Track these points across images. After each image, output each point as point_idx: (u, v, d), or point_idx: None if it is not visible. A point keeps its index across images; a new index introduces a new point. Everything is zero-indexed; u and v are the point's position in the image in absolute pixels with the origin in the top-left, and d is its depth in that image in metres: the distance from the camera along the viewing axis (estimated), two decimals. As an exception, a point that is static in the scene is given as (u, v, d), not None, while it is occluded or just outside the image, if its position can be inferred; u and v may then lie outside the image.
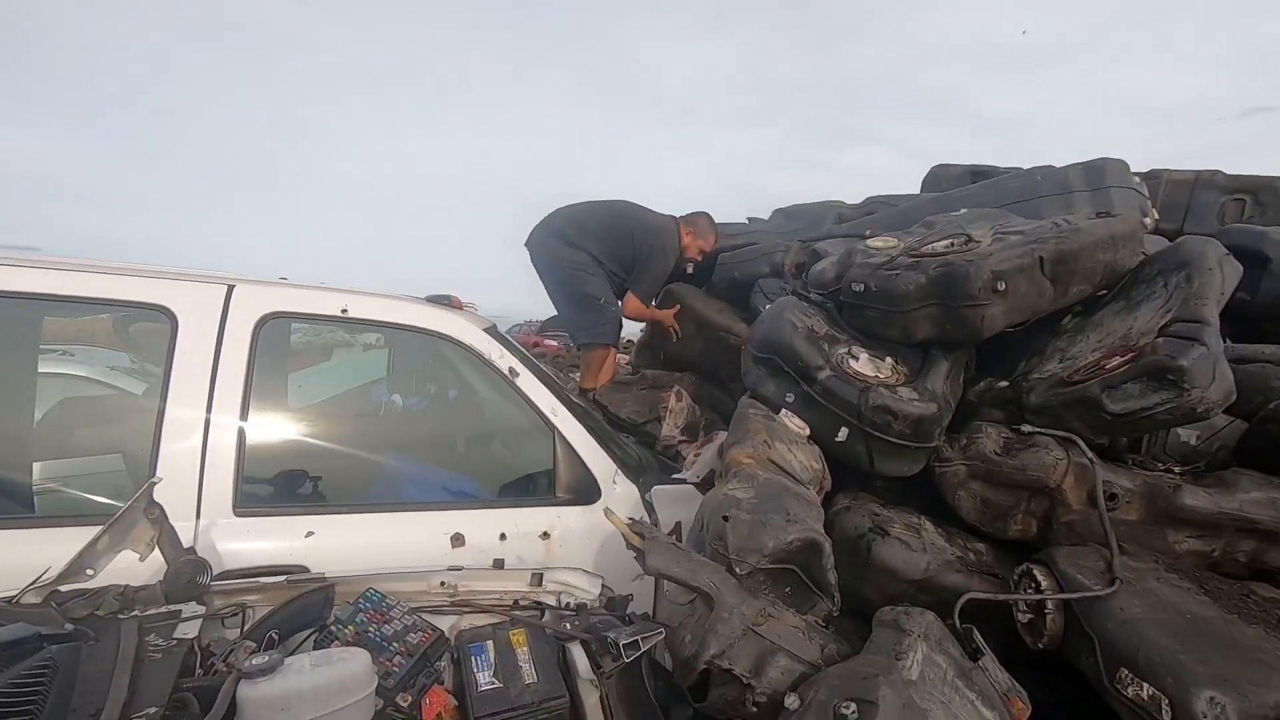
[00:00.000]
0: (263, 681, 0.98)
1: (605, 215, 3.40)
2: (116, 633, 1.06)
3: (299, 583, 1.36)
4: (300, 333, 3.37)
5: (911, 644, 1.19)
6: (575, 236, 3.31)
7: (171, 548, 1.26)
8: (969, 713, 1.15)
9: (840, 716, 1.04)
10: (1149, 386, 1.53)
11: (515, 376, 2.04)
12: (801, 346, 1.97)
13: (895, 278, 1.92)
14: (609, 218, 3.38)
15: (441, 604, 1.44)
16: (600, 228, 3.34)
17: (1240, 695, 1.15)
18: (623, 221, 3.35)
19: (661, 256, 3.32)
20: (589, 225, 3.34)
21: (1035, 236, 1.88)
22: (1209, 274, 1.67)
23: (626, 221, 3.35)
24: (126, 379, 3.00)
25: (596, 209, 3.45)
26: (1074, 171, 2.59)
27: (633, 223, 3.34)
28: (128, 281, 1.78)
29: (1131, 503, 1.63)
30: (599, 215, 3.40)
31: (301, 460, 1.98)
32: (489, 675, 1.26)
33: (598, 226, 3.34)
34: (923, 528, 1.81)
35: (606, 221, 3.36)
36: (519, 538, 1.91)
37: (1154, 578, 1.47)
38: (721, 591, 1.26)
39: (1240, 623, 1.35)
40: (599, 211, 3.43)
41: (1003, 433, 1.76)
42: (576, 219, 3.37)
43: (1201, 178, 2.82)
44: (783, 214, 3.80)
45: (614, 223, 3.36)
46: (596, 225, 3.34)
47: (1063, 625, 1.45)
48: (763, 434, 1.79)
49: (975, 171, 3.23)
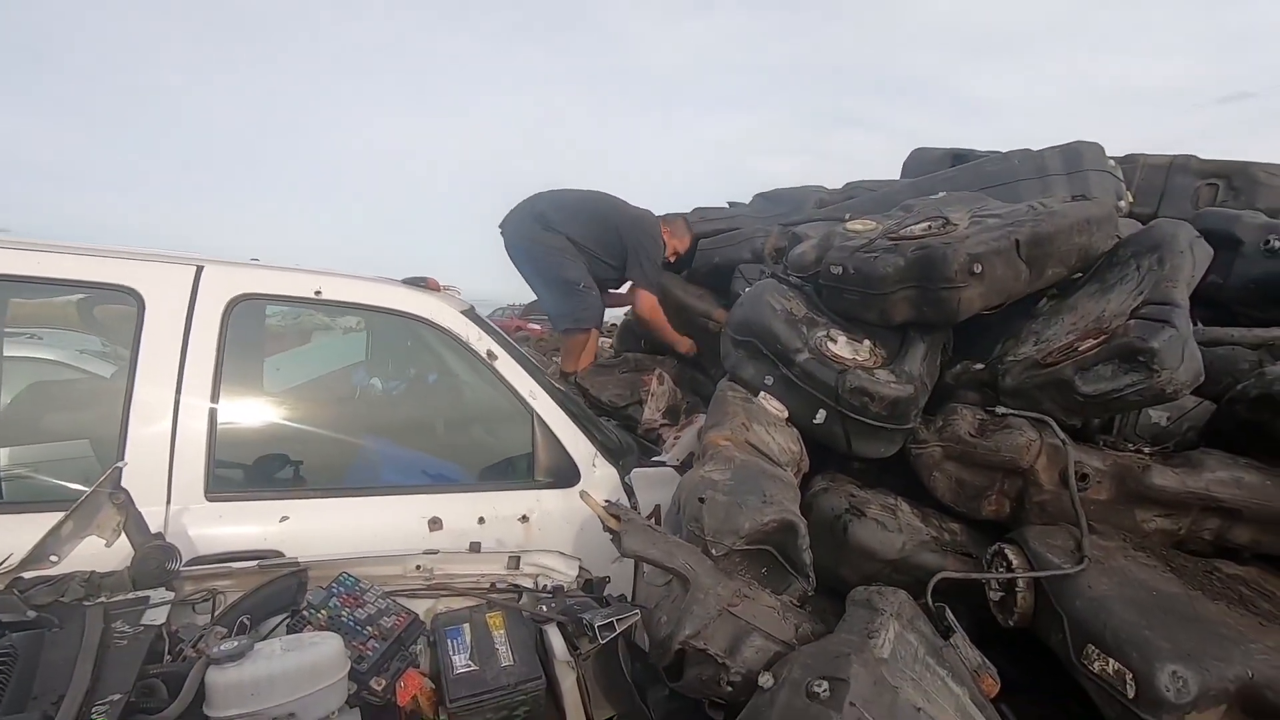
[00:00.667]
0: (231, 667, 0.97)
1: (588, 204, 3.37)
2: (81, 619, 1.04)
3: (271, 567, 1.34)
4: (278, 316, 3.32)
5: (884, 623, 1.21)
6: (553, 221, 3.27)
7: (138, 533, 1.24)
8: (939, 689, 1.16)
9: (813, 694, 1.04)
10: (1120, 368, 1.55)
11: (493, 359, 2.02)
12: (780, 329, 1.97)
13: (873, 260, 1.92)
14: (592, 207, 3.35)
15: (418, 588, 1.44)
16: (586, 216, 3.30)
17: (1201, 669, 1.17)
18: (608, 213, 3.33)
19: (654, 245, 3.30)
20: (569, 211, 3.30)
21: (1012, 220, 1.89)
22: (1180, 257, 1.69)
23: (612, 214, 3.33)
24: (96, 362, 2.94)
25: (578, 196, 3.42)
26: (1051, 155, 2.60)
27: (618, 216, 3.32)
28: (93, 262, 1.74)
29: (1102, 482, 1.65)
30: (581, 203, 3.37)
31: (276, 444, 1.95)
32: (465, 658, 1.26)
33: (581, 215, 3.30)
34: (899, 508, 1.82)
35: (590, 210, 3.33)
36: (498, 521, 1.90)
37: (1122, 556, 1.49)
38: (697, 573, 1.26)
39: (1204, 599, 1.38)
40: (580, 200, 3.40)
41: (977, 414, 1.78)
42: (556, 204, 3.33)
43: (1176, 162, 2.84)
44: (763, 198, 3.78)
45: (598, 212, 3.33)
46: (579, 213, 3.31)
47: (1033, 603, 1.48)
48: (740, 416, 1.79)
49: (955, 155, 3.23)
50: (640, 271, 3.25)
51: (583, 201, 3.38)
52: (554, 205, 3.32)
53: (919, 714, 1.06)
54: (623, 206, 3.41)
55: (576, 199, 3.40)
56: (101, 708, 0.85)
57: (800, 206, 3.45)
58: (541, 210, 3.30)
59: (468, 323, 2.04)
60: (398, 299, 2.02)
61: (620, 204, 3.43)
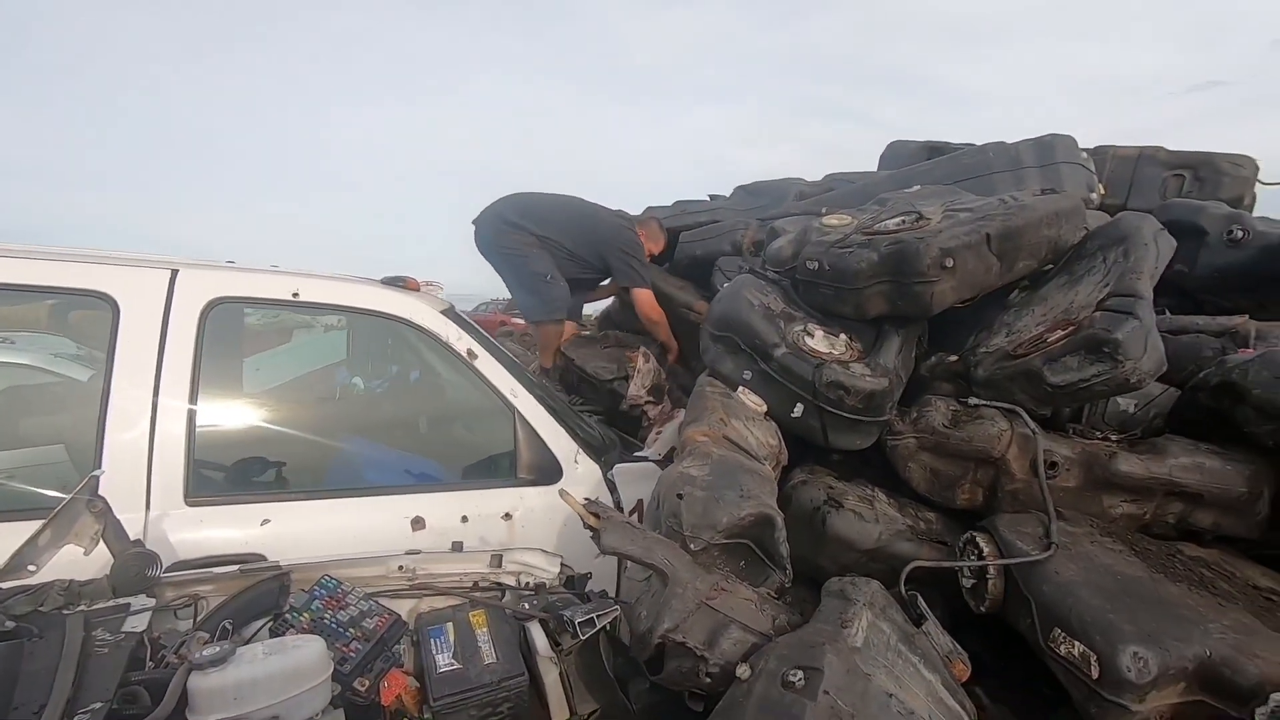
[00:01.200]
0: (214, 672, 0.98)
1: (562, 207, 3.41)
2: (61, 628, 1.04)
3: (252, 571, 1.35)
4: (258, 315, 3.30)
5: (857, 612, 1.24)
6: (522, 223, 3.31)
7: (117, 540, 1.24)
8: (911, 676, 1.20)
9: (788, 684, 1.07)
10: (1087, 359, 1.59)
11: (474, 358, 2.02)
12: (758, 324, 2.00)
13: (848, 255, 1.95)
14: (567, 210, 3.39)
15: (400, 588, 1.45)
16: (561, 218, 3.34)
17: (1161, 649, 1.22)
18: (583, 217, 3.37)
19: (636, 245, 3.33)
20: (541, 214, 3.34)
21: (983, 213, 1.93)
22: (1144, 249, 1.73)
23: (588, 218, 3.36)
24: (72, 366, 2.89)
25: (552, 200, 3.45)
26: (1025, 148, 2.64)
27: (595, 220, 3.36)
28: (66, 268, 1.72)
29: (1071, 470, 1.70)
30: (555, 207, 3.41)
31: (256, 446, 1.94)
32: (448, 657, 1.28)
33: (556, 216, 3.34)
34: (876, 499, 1.86)
35: (565, 214, 3.37)
36: (481, 519, 1.91)
37: (1089, 541, 1.54)
38: (676, 568, 1.28)
39: (1166, 581, 1.43)
40: (554, 203, 3.43)
41: (951, 405, 1.82)
42: (525, 208, 3.37)
43: (1145, 153, 2.90)
44: (744, 191, 3.80)
45: (574, 216, 3.37)
46: (553, 215, 3.35)
47: (1003, 590, 1.52)
48: (719, 411, 1.82)
49: (931, 147, 3.27)
50: (632, 273, 3.29)
51: (557, 205, 3.42)
52: (523, 208, 3.36)
53: (891, 700, 1.10)
54: (598, 211, 3.44)
55: (550, 203, 3.44)
56: (84, 716, 0.86)
57: (780, 199, 3.48)
58: (510, 213, 3.35)
59: (447, 322, 2.04)
60: (376, 299, 2.02)
61: (596, 209, 3.46)
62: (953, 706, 1.22)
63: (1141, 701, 1.21)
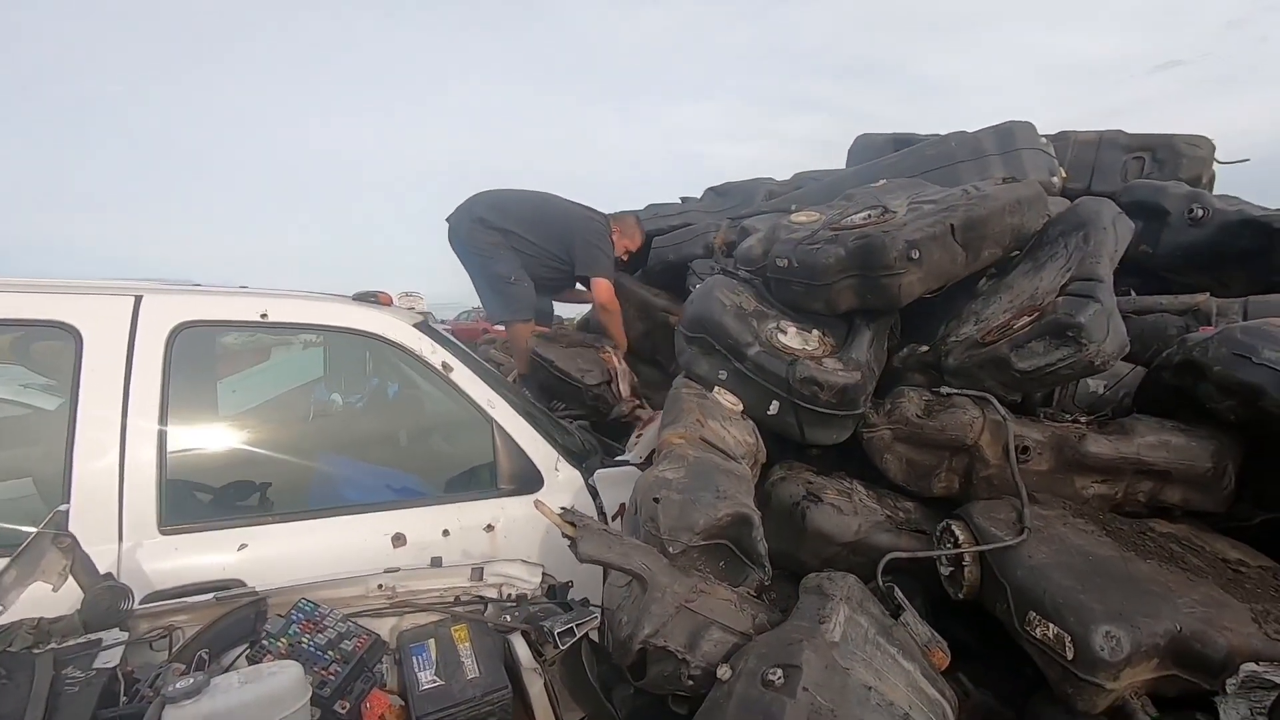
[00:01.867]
0: (189, 704, 0.97)
1: (530, 203, 3.40)
2: (30, 668, 1.03)
3: (228, 599, 1.34)
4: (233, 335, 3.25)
5: (834, 607, 1.25)
6: (491, 220, 3.30)
7: (87, 575, 1.22)
8: (890, 667, 1.21)
9: (768, 683, 1.08)
10: (1051, 344, 1.61)
11: (449, 371, 2.02)
12: (731, 324, 2.01)
13: (816, 251, 1.97)
14: (535, 206, 3.38)
15: (381, 607, 1.44)
16: (529, 214, 3.33)
17: (1133, 627, 1.24)
18: (552, 211, 3.37)
19: (602, 236, 3.33)
20: (509, 211, 3.32)
21: (947, 204, 1.95)
22: (1103, 234, 1.76)
23: (556, 212, 3.36)
24: (39, 396, 2.85)
25: (520, 196, 3.44)
26: (986, 136, 2.68)
27: (563, 214, 3.36)
28: (24, 299, 1.70)
29: (1043, 454, 1.72)
30: (523, 202, 3.39)
31: (231, 470, 1.93)
32: (431, 674, 1.27)
33: (523, 213, 3.33)
34: (854, 491, 1.88)
35: (533, 209, 3.37)
36: (462, 532, 1.90)
37: (1061, 524, 1.56)
38: (654, 572, 1.29)
39: (1137, 559, 1.45)
40: (523, 199, 3.42)
41: (924, 395, 1.83)
42: (495, 204, 3.36)
43: (1105, 137, 2.95)
44: (714, 192, 3.83)
45: (542, 211, 3.36)
46: (521, 212, 3.34)
47: (979, 576, 1.53)
48: (695, 413, 1.82)
49: (898, 139, 3.30)
50: (594, 263, 3.27)
51: (525, 201, 3.40)
52: (493, 205, 3.34)
53: (870, 692, 1.11)
54: (568, 205, 3.44)
55: (519, 199, 3.42)
56: (53, 757, 0.85)
57: (750, 199, 3.50)
58: (480, 210, 3.33)
59: (420, 336, 2.03)
60: (348, 317, 2.01)
61: (565, 203, 3.45)
62: (932, 694, 1.24)
63: (1115, 679, 1.23)
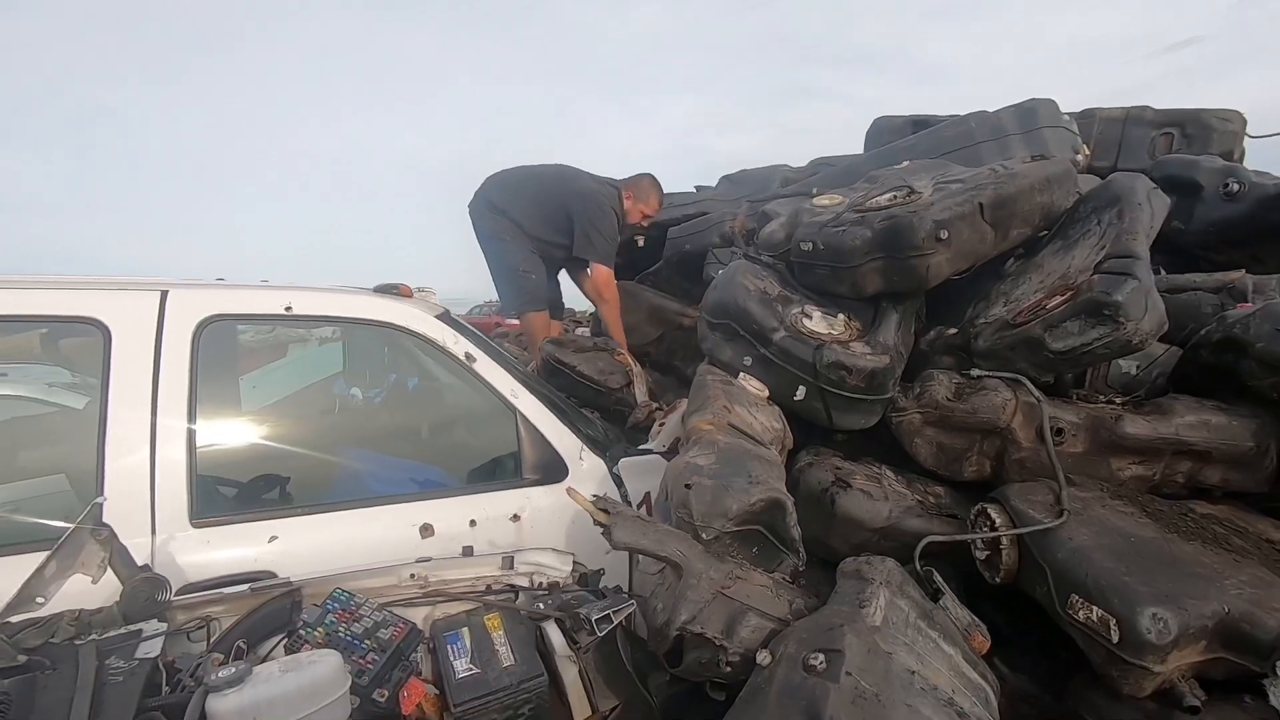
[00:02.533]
0: (231, 693, 0.97)
1: (533, 182, 3.31)
2: (74, 659, 1.03)
3: (263, 590, 1.34)
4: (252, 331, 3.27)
5: (874, 591, 1.23)
6: (500, 204, 3.25)
7: (125, 567, 1.23)
8: (932, 651, 1.19)
9: (809, 668, 1.07)
10: (1087, 323, 1.58)
11: (472, 361, 2.01)
12: (755, 309, 1.99)
13: (842, 234, 1.94)
14: (537, 184, 3.30)
15: (413, 596, 1.44)
16: (530, 195, 3.26)
17: (1180, 609, 1.21)
18: (554, 189, 3.27)
19: (602, 217, 3.20)
20: (514, 192, 3.26)
21: (974, 184, 1.92)
22: (1138, 209, 1.72)
23: (559, 190, 3.26)
24: (68, 395, 2.88)
25: (523, 175, 3.36)
26: (1007, 115, 2.63)
27: (566, 192, 3.25)
28: (53, 296, 1.71)
29: (1077, 435, 1.69)
30: (525, 182, 3.31)
31: (259, 464, 1.93)
32: (466, 662, 1.27)
33: (525, 194, 3.26)
34: (884, 477, 1.86)
35: (535, 188, 3.28)
36: (489, 522, 1.90)
37: (1100, 505, 1.53)
38: (689, 559, 1.28)
39: (1179, 540, 1.42)
40: (525, 178, 3.34)
41: (953, 378, 1.81)
42: (502, 185, 3.30)
43: (1131, 114, 2.89)
44: (729, 180, 3.79)
45: (544, 190, 3.27)
46: (524, 193, 3.27)
47: (1017, 559, 1.51)
48: (722, 399, 1.81)
49: (916, 121, 3.25)
50: (590, 246, 3.19)
51: (527, 180, 3.32)
52: (502, 186, 3.28)
53: (914, 677, 1.09)
54: (573, 181, 3.32)
55: (521, 178, 3.34)
56: (102, 746, 0.85)
57: (766, 186, 3.46)
58: (491, 192, 3.28)
59: (443, 326, 2.03)
60: (370, 308, 2.00)
61: (572, 177, 3.33)
62: (974, 679, 1.22)
63: (1163, 662, 1.21)
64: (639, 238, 3.51)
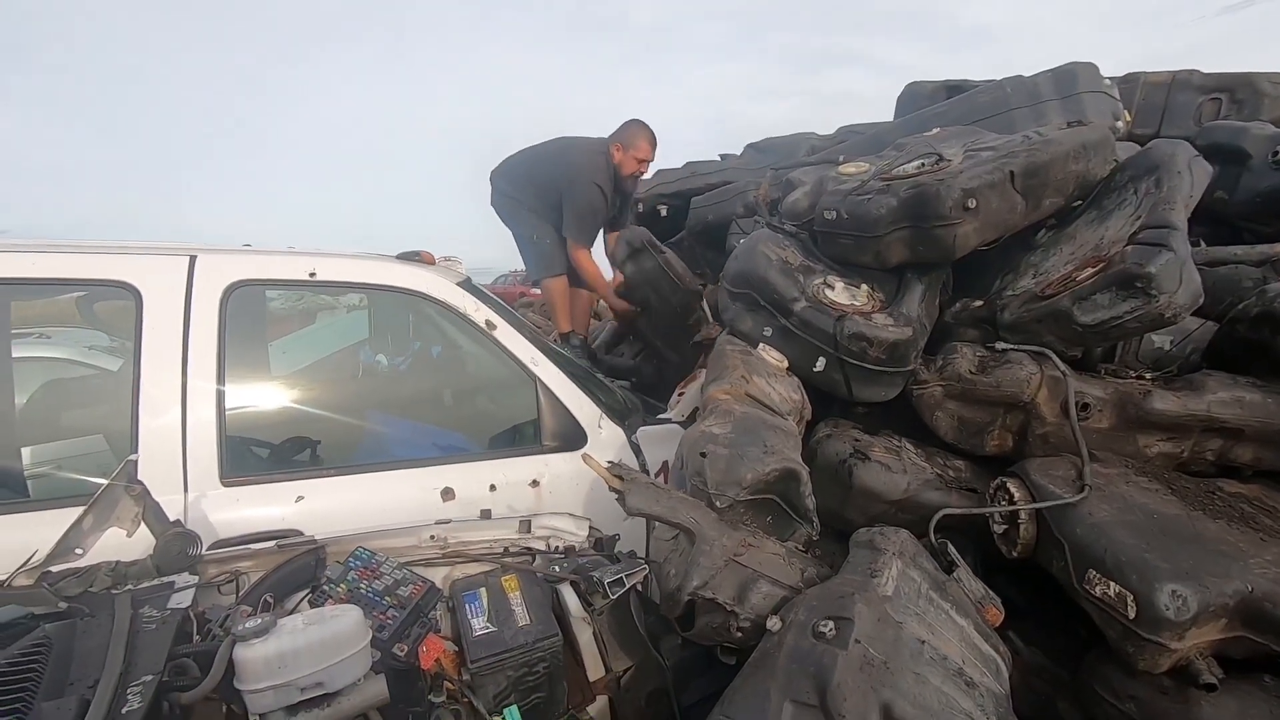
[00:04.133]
0: (258, 642, 1.01)
1: (533, 161, 3.41)
2: (110, 607, 1.08)
3: (289, 546, 1.38)
4: (281, 299, 3.33)
5: (886, 561, 1.23)
6: (503, 186, 3.41)
7: (158, 522, 1.28)
8: (943, 622, 1.19)
9: (819, 634, 1.08)
10: (1118, 295, 1.53)
11: (493, 329, 2.03)
12: (776, 279, 1.97)
13: (866, 203, 1.90)
14: (538, 165, 3.38)
15: (433, 557, 1.47)
16: (524, 179, 3.38)
17: (1201, 587, 1.20)
18: (550, 171, 3.34)
19: (580, 194, 3.23)
20: (514, 177, 3.40)
21: (1006, 151, 1.85)
22: (1178, 178, 1.66)
23: (554, 170, 3.32)
24: (104, 357, 2.98)
25: (528, 155, 3.45)
26: (1043, 80, 2.53)
27: (558, 173, 3.30)
28: (89, 260, 1.75)
29: (1103, 411, 1.66)
30: (528, 161, 3.42)
31: (287, 426, 1.99)
32: (483, 620, 1.30)
33: (520, 178, 3.39)
34: (903, 449, 1.84)
35: (534, 167, 3.38)
36: (508, 487, 1.94)
37: (1124, 482, 1.51)
38: (702, 526, 1.29)
39: (1205, 518, 1.40)
40: (530, 157, 3.44)
41: (977, 351, 1.78)
42: (505, 171, 3.44)
43: (1178, 78, 2.76)
44: (754, 149, 3.71)
45: (544, 172, 3.35)
46: (520, 178, 3.39)
47: (1035, 534, 1.50)
48: (740, 369, 1.80)
49: (950, 87, 3.15)
50: (568, 226, 3.28)
51: (529, 165, 3.41)
52: (505, 173, 3.44)
53: (924, 646, 1.10)
54: (563, 157, 3.35)
55: (524, 164, 3.43)
56: (135, 688, 0.89)
57: (792, 155, 3.39)
58: (498, 179, 3.44)
59: (464, 294, 2.04)
60: (393, 275, 2.03)
61: (561, 155, 3.37)
62: (986, 651, 1.22)
63: (1180, 639, 1.20)
64: (661, 207, 3.48)
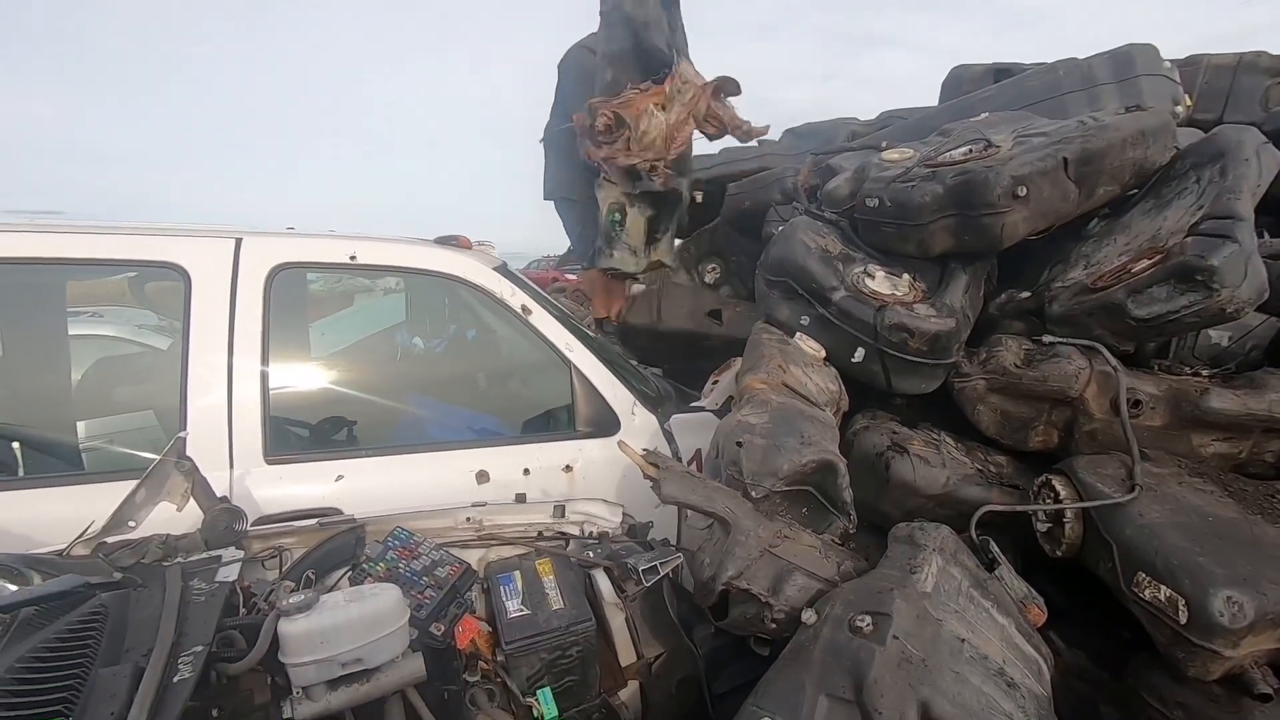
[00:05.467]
0: (301, 618, 1.03)
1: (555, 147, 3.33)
2: (162, 579, 1.12)
3: (331, 525, 1.41)
4: (320, 281, 3.39)
5: (926, 557, 1.21)
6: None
7: (206, 498, 1.32)
8: (984, 621, 1.17)
9: (856, 629, 1.06)
10: (1176, 289, 1.47)
11: (528, 314, 2.04)
12: (815, 268, 1.93)
13: (911, 190, 1.85)
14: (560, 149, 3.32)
15: (469, 539, 1.49)
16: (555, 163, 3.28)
17: (1259, 593, 1.15)
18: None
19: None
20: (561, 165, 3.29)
21: (1059, 137, 1.79)
22: (1245, 165, 1.58)
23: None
24: (155, 336, 3.07)
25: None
26: (1099, 63, 2.42)
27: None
28: (140, 241, 1.80)
29: (1156, 408, 1.60)
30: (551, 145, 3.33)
31: (328, 407, 2.03)
32: (518, 603, 1.32)
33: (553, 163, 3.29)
34: (942, 443, 1.80)
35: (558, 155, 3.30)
36: (542, 472, 1.95)
37: (1176, 482, 1.46)
38: (737, 516, 1.28)
39: (1263, 522, 1.34)
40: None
41: (1023, 344, 1.73)
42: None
43: (1244, 60, 2.62)
44: (793, 134, 3.64)
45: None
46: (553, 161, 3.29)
47: (1081, 533, 1.46)
48: (777, 359, 1.78)
49: (999, 70, 3.04)
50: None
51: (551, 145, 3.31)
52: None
53: (963, 645, 1.08)
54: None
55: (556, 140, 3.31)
56: (186, 658, 0.92)
57: (832, 140, 3.32)
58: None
59: (500, 279, 2.05)
60: (431, 259, 2.05)
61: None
62: (1027, 651, 1.19)
63: (1235, 647, 1.15)
64: (697, 193, 3.43)
